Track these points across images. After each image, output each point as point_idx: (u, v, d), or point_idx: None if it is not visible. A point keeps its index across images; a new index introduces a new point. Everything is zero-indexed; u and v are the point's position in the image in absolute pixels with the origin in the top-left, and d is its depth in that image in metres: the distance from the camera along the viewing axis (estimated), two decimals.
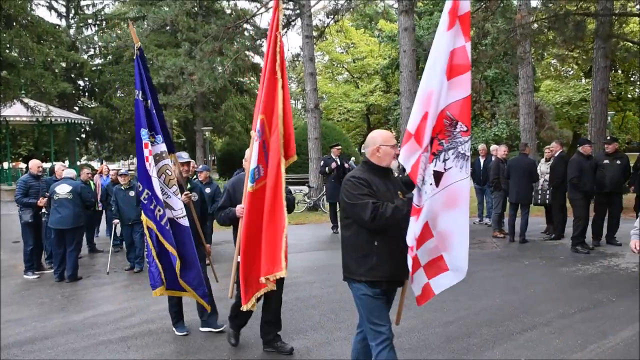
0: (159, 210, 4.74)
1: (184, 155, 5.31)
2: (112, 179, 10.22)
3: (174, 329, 5.36)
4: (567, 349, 4.59)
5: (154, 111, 4.90)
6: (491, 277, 7.16)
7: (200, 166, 9.74)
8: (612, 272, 7.35)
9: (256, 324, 5.50)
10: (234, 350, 4.84)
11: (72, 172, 8.16)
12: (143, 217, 4.84)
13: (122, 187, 8.43)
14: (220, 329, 5.29)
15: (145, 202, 4.77)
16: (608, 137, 9.19)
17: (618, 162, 8.58)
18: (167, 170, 4.87)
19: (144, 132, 4.76)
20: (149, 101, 4.88)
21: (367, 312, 3.41)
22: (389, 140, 3.47)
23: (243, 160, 4.56)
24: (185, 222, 4.87)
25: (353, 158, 19.50)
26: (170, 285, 4.96)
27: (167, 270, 4.86)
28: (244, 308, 4.18)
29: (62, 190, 7.57)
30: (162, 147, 4.90)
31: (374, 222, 3.21)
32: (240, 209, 4.28)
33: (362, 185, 3.33)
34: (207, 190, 8.30)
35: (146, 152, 4.74)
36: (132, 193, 8.30)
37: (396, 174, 4.67)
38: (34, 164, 8.30)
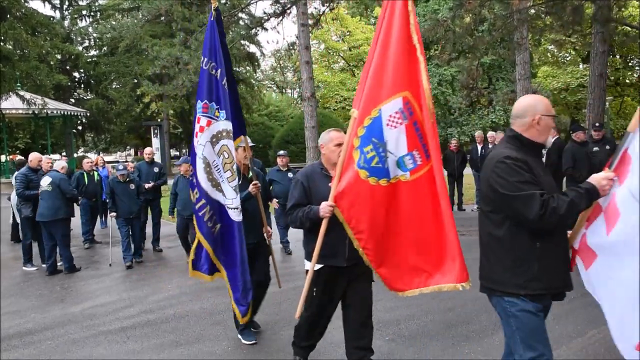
0: (195, 193, 4.34)
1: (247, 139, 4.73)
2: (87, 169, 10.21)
3: (239, 336, 4.82)
4: (566, 334, 4.60)
5: (224, 83, 4.24)
6: None
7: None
8: None
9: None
10: (234, 340, 4.84)
11: (59, 165, 7.97)
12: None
13: (121, 180, 8.04)
14: (253, 342, 4.74)
15: (192, 178, 4.40)
16: (597, 124, 9.11)
17: (607, 147, 8.54)
18: (224, 152, 4.24)
19: (200, 105, 4.25)
20: (219, 71, 4.22)
21: (525, 334, 2.68)
22: (550, 109, 2.77)
23: (321, 146, 3.80)
24: (236, 215, 4.21)
25: None
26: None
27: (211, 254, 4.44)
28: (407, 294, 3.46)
29: (44, 182, 7.56)
30: (226, 125, 4.24)
31: (543, 220, 2.50)
32: (328, 207, 3.38)
33: (522, 169, 2.59)
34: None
35: (197, 127, 4.26)
36: (132, 186, 8.08)
37: None
38: (35, 157, 8.28)
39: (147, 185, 8.58)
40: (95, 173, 9.54)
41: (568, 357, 4.24)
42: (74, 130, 30.60)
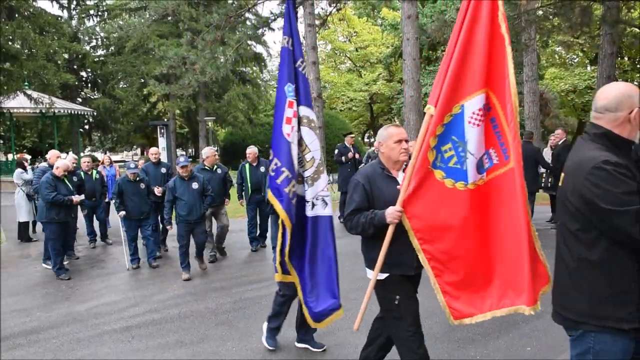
0: (293, 186, 3.74)
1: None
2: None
3: (264, 343, 4.66)
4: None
5: (298, 65, 3.84)
6: None
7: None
8: None
9: (258, 311, 5.51)
10: (239, 340, 4.83)
11: (59, 163, 7.62)
12: (269, 194, 3.85)
13: (131, 179, 7.76)
14: (323, 349, 4.55)
15: (273, 173, 3.79)
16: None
17: None
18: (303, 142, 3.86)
19: (290, 88, 3.78)
20: (297, 52, 3.83)
21: None
22: None
23: (378, 147, 3.41)
24: (329, 209, 3.78)
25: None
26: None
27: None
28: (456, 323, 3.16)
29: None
30: (308, 112, 3.86)
31: None
32: (396, 213, 3.07)
33: (627, 177, 2.13)
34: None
35: (289, 112, 3.76)
36: (142, 185, 7.85)
37: None
38: (54, 154, 8.32)
39: (157, 190, 8.01)
40: (94, 172, 9.32)
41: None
42: (81, 130, 30.71)
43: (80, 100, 30.50)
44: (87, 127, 32.70)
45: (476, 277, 3.09)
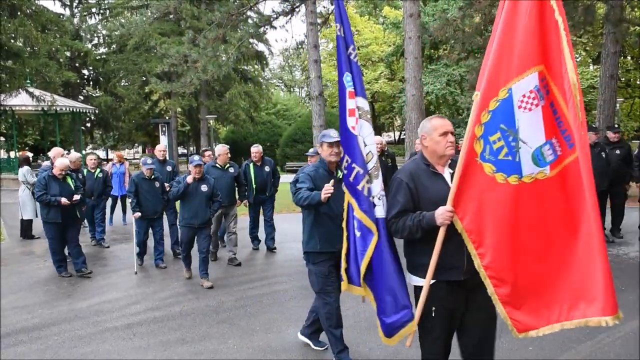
0: (367, 182, 3.35)
1: (333, 134, 4.02)
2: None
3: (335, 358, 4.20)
4: (575, 337, 4.55)
5: (349, 53, 3.50)
6: None
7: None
8: (621, 261, 7.28)
9: (259, 310, 5.51)
10: (240, 338, 4.83)
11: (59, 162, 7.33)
12: (347, 194, 3.49)
13: (147, 177, 7.44)
14: (324, 348, 4.50)
15: (345, 171, 3.45)
16: (616, 125, 8.90)
17: (617, 151, 8.39)
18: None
19: (348, 78, 3.45)
20: (346, 38, 3.51)
21: None
22: None
23: (421, 141, 3.09)
24: (381, 211, 3.29)
25: None
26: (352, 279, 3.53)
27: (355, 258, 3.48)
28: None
29: None
30: (364, 102, 3.49)
31: None
32: (447, 213, 2.78)
33: None
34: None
35: (351, 103, 3.43)
36: (157, 183, 7.56)
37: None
38: (57, 152, 8.19)
39: (167, 186, 7.70)
40: (97, 170, 9.11)
41: None
42: (83, 127, 30.72)
43: (82, 98, 30.54)
44: (88, 125, 32.74)
45: (540, 284, 2.74)
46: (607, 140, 8.66)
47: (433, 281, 2.92)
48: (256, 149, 8.36)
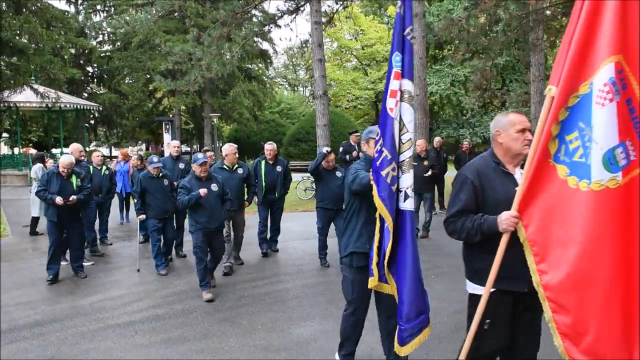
0: (393, 170, 3.11)
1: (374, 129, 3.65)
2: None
3: None
4: None
5: (407, 33, 3.21)
6: None
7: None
8: None
9: (261, 308, 5.51)
10: (241, 336, 4.83)
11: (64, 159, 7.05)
12: (370, 177, 3.33)
13: (154, 175, 7.15)
14: None
15: (376, 154, 3.22)
16: None
17: None
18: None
19: (398, 58, 3.19)
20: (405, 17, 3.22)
21: None
22: None
23: (495, 137, 2.87)
24: (410, 204, 3.12)
25: None
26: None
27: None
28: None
29: None
30: (410, 86, 3.20)
31: None
32: (512, 219, 2.55)
33: None
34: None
35: (395, 84, 3.16)
36: (166, 181, 7.23)
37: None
38: (76, 148, 8.03)
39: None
40: (104, 167, 8.91)
41: None
42: (87, 125, 30.83)
43: (86, 95, 30.63)
44: (92, 122, 32.85)
45: (607, 316, 2.31)
46: None
47: (492, 290, 2.68)
48: (270, 147, 7.93)
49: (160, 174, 7.22)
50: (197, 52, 14.78)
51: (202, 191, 5.88)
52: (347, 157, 11.00)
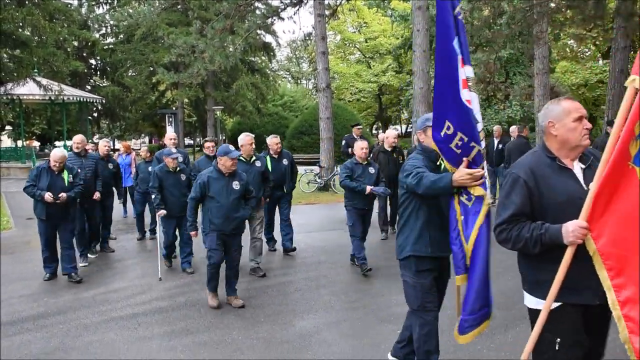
0: (482, 167, 2.93)
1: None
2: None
3: None
4: None
5: (456, 13, 2.91)
6: (504, 260, 7.07)
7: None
8: None
9: (264, 301, 5.51)
10: (244, 329, 4.84)
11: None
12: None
13: (171, 169, 6.65)
14: None
15: (459, 151, 2.93)
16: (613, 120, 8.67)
17: None
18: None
19: (457, 44, 2.85)
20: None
21: None
22: None
23: (547, 129, 2.55)
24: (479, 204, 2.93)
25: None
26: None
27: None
28: None
29: None
30: (471, 72, 2.94)
31: None
32: (580, 230, 2.27)
33: None
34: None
35: (462, 72, 2.84)
36: (183, 176, 6.76)
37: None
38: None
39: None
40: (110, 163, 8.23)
41: None
42: (90, 117, 30.82)
43: (89, 87, 30.59)
44: (95, 114, 32.81)
45: None
46: (607, 133, 8.61)
47: (557, 304, 2.41)
48: (274, 140, 7.39)
49: (178, 168, 6.78)
50: (200, 45, 14.76)
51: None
52: (349, 150, 10.97)
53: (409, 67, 28.14)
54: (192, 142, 39.94)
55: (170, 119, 26.46)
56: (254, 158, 6.63)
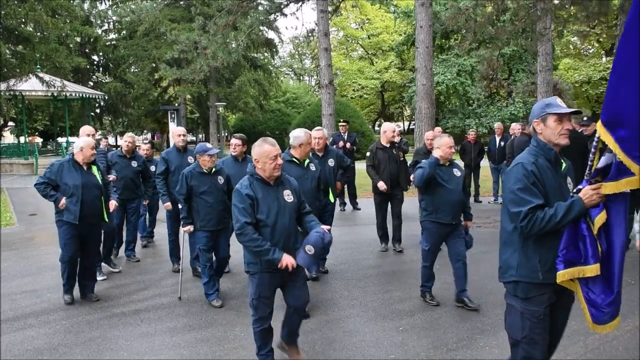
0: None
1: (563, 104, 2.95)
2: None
3: None
4: (583, 330, 4.50)
5: None
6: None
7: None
8: (632, 254, 7.20)
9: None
10: (247, 325, 4.84)
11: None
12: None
13: (205, 171, 5.35)
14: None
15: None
16: (585, 118, 8.21)
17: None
18: None
19: None
20: None
21: None
22: None
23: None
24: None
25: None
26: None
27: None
28: None
29: None
30: None
31: None
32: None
33: None
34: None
35: None
36: (220, 179, 5.41)
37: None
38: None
39: None
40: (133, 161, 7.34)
41: (585, 353, 4.17)
42: (92, 113, 30.85)
43: (91, 83, 30.63)
44: (98, 110, 32.84)
45: None
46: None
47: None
48: (319, 133, 6.25)
49: (214, 169, 5.42)
50: (203, 41, 14.75)
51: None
52: (334, 147, 10.80)
53: (412, 64, 28.10)
54: (194, 138, 39.96)
55: (173, 116, 26.47)
56: (307, 161, 5.35)
